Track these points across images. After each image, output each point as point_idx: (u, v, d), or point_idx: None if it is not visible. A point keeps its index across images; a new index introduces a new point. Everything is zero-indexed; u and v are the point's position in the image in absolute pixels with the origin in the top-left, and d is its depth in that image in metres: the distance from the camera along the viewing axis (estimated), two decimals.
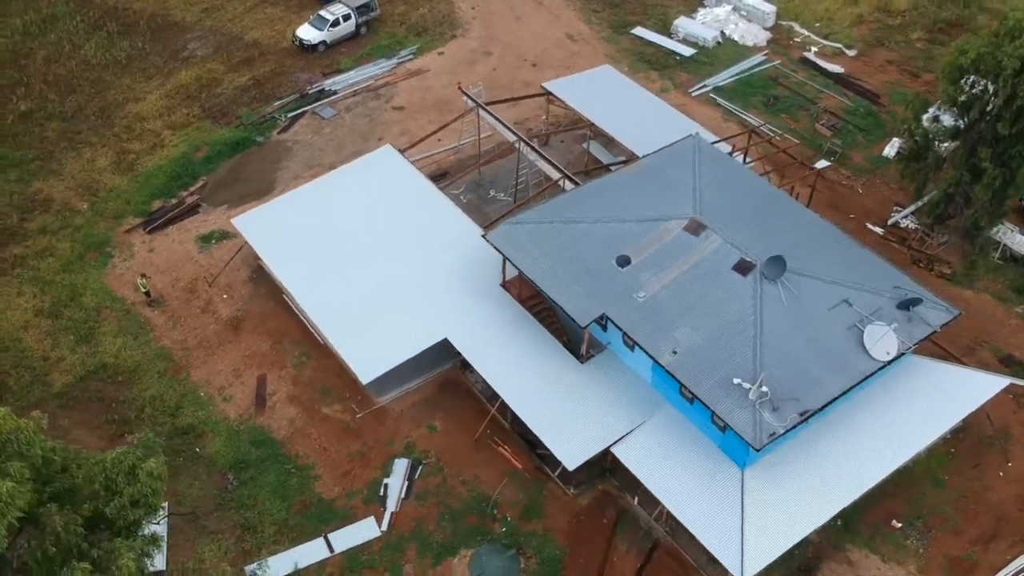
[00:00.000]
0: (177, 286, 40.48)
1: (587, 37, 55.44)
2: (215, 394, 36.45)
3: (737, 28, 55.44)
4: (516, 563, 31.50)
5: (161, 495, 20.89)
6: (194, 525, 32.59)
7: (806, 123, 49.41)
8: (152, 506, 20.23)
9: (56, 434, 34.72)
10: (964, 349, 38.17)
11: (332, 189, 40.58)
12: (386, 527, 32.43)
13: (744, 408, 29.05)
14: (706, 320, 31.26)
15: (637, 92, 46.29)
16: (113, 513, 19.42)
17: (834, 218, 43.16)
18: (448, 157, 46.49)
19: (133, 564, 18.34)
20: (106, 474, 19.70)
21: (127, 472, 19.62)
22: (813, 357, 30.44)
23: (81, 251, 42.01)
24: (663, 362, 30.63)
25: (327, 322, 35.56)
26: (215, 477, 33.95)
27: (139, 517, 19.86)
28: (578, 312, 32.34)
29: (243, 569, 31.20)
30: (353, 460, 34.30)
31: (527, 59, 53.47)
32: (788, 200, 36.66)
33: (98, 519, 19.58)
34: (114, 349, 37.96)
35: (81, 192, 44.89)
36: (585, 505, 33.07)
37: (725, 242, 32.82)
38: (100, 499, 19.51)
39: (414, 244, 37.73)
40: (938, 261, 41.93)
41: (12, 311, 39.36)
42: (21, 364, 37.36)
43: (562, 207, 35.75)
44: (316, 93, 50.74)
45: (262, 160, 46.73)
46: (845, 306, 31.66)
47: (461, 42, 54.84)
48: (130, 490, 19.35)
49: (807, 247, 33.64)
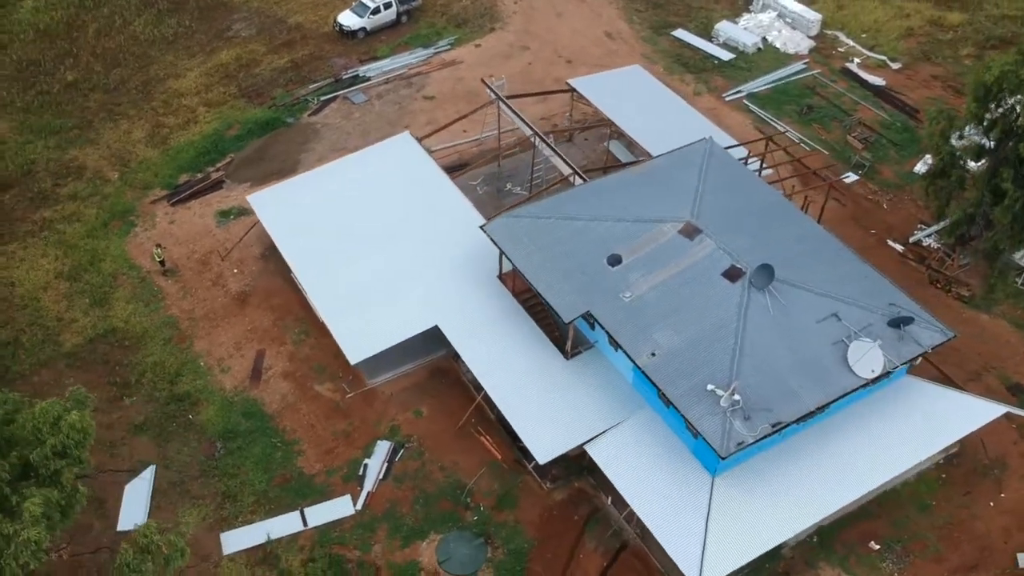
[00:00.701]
0: (192, 258, 41.60)
1: (626, 36, 55.20)
2: (214, 365, 37.40)
3: (780, 35, 54.61)
4: (483, 552, 31.69)
5: (86, 448, 21.60)
6: (179, 489, 33.52)
7: (838, 134, 48.48)
8: (76, 457, 20.94)
9: (59, 392, 36.04)
10: (971, 374, 37.19)
11: (347, 172, 41.24)
12: (360, 506, 32.92)
13: (715, 415, 28.78)
14: (689, 324, 31.01)
15: (663, 93, 46.00)
16: (37, 461, 20.19)
17: (854, 232, 42.58)
18: (471, 148, 46.81)
19: (38, 510, 19.02)
20: (34, 423, 20.47)
21: (52, 422, 20.34)
22: (793, 369, 29.97)
23: (106, 218, 43.44)
24: (640, 363, 30.49)
25: (324, 301, 36.20)
26: (204, 444, 34.84)
27: (61, 467, 20.57)
28: (563, 308, 32.37)
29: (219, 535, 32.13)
30: (337, 438, 34.89)
31: (563, 55, 53.48)
32: (793, 210, 36.10)
33: (29, 468, 20.38)
34: (125, 314, 39.20)
35: (113, 162, 46.38)
36: (559, 500, 33.12)
37: (718, 248, 32.50)
38: (28, 448, 20.29)
39: (419, 231, 38.15)
40: (957, 283, 40.82)
41: (35, 272, 40.90)
42: (36, 323, 38.83)
43: (562, 203, 35.79)
44: (350, 79, 51.52)
45: (289, 141, 47.67)
46: (834, 320, 31.10)
47: (499, 35, 55.10)
48: (52, 440, 20.07)
49: (804, 258, 33.12)
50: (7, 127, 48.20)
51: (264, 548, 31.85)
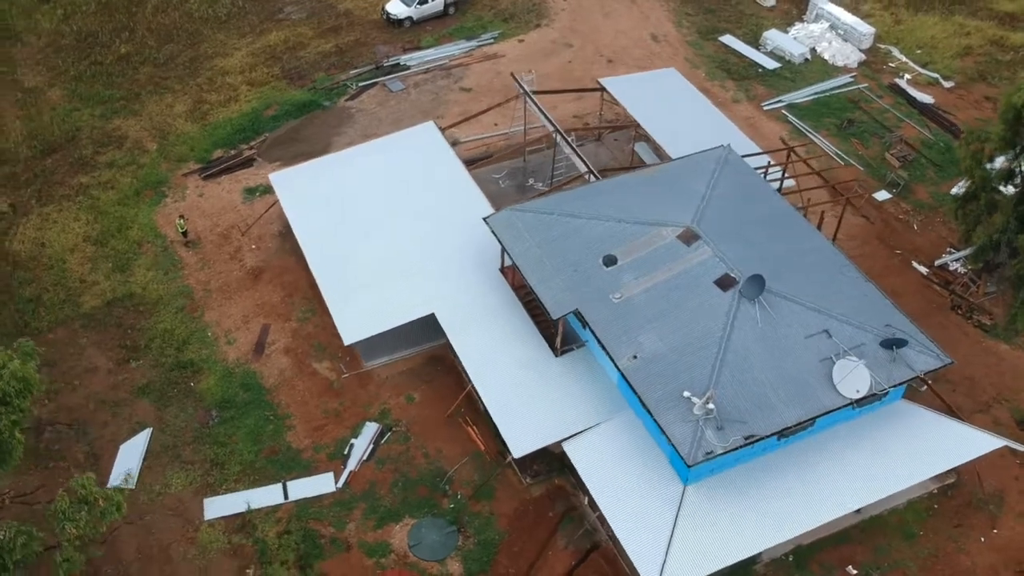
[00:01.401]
0: (215, 231, 42.69)
1: (672, 39, 54.71)
2: (221, 336, 38.35)
3: (830, 47, 53.45)
4: (454, 540, 31.90)
5: (27, 398, 22.43)
6: (171, 452, 34.50)
7: (876, 151, 47.31)
8: (16, 407, 21.74)
9: (73, 350, 37.66)
10: (981, 405, 36.05)
11: (368, 157, 41.84)
12: (341, 484, 33.43)
13: (687, 422, 28.48)
14: (675, 330, 30.71)
15: (695, 97, 45.50)
16: None
17: (878, 251, 41.64)
18: (499, 141, 46.98)
19: None
20: None
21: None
22: (775, 383, 29.46)
23: (139, 187, 44.86)
24: (620, 365, 30.33)
25: (327, 281, 36.78)
26: (200, 412, 35.77)
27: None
28: (552, 305, 32.37)
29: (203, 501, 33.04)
30: (328, 417, 35.47)
31: (604, 55, 53.28)
32: (802, 223, 35.37)
33: None
34: (144, 281, 40.45)
35: (153, 133, 47.84)
36: (536, 496, 33.12)
37: (714, 255, 32.10)
38: None
39: (429, 219, 38.48)
40: (979, 310, 39.52)
41: (65, 234, 42.48)
42: (59, 283, 40.32)
43: (567, 200, 35.76)
44: (391, 66, 52.18)
45: (323, 124, 48.53)
46: (824, 336, 30.45)
47: (544, 32, 55.15)
48: None
49: (803, 271, 32.50)
50: (59, 94, 50.11)
51: (243, 517, 32.58)
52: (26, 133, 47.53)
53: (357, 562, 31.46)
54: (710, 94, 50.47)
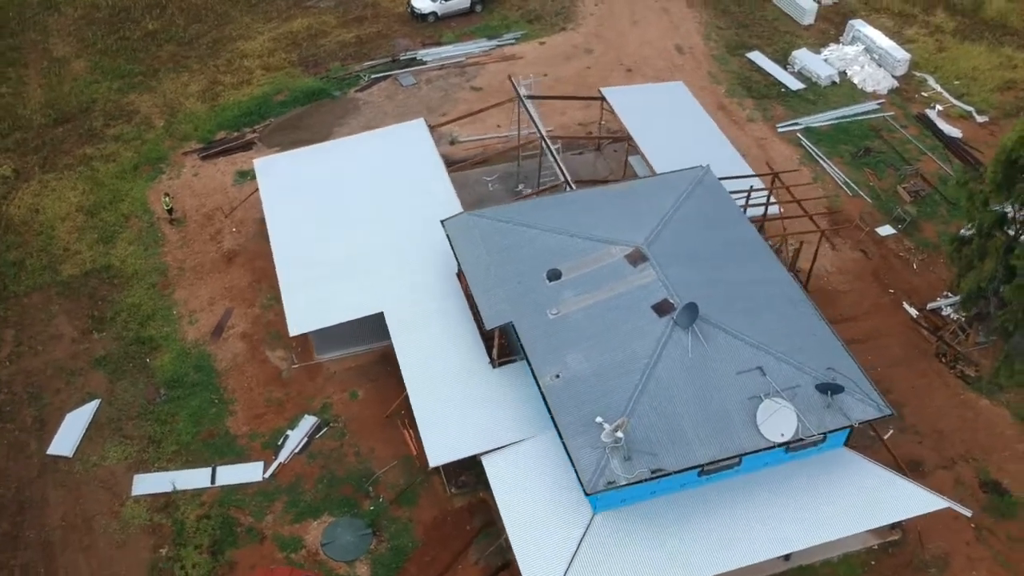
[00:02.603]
0: (200, 211, 43.24)
1: (697, 52, 53.24)
2: (185, 315, 38.79)
3: (862, 71, 51.27)
4: (367, 542, 31.58)
5: None
6: (114, 426, 35.01)
7: (889, 183, 45.17)
8: None
9: (43, 316, 38.58)
10: (945, 460, 34.13)
11: (352, 150, 41.84)
12: (268, 475, 33.43)
13: (595, 448, 27.54)
14: (603, 352, 29.76)
15: (696, 114, 44.08)
16: None
17: (870, 288, 39.90)
18: (496, 143, 46.40)
19: None
20: None
21: None
22: (695, 417, 28.26)
23: (139, 162, 45.72)
24: (541, 383, 29.54)
25: (286, 269, 36.77)
26: (149, 388, 36.22)
27: None
28: (489, 314, 31.76)
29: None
30: (270, 406, 35.52)
31: (624, 64, 52.17)
32: (765, 253, 33.82)
33: None
34: (124, 254, 41.19)
35: (163, 110, 48.73)
36: (458, 507, 32.54)
37: (658, 278, 30.97)
38: None
39: (398, 217, 38.18)
40: (965, 360, 37.35)
41: (60, 203, 43.56)
42: (45, 249, 41.36)
43: (528, 209, 35.06)
44: (407, 60, 52.08)
45: (328, 113, 48.71)
46: (757, 374, 29.08)
47: (568, 35, 54.31)
48: None
49: (750, 303, 31.13)
50: (83, 66, 51.47)
51: (168, 496, 32.85)
52: (44, 101, 48.96)
53: (268, 554, 31.40)
54: (726, 111, 49.03)
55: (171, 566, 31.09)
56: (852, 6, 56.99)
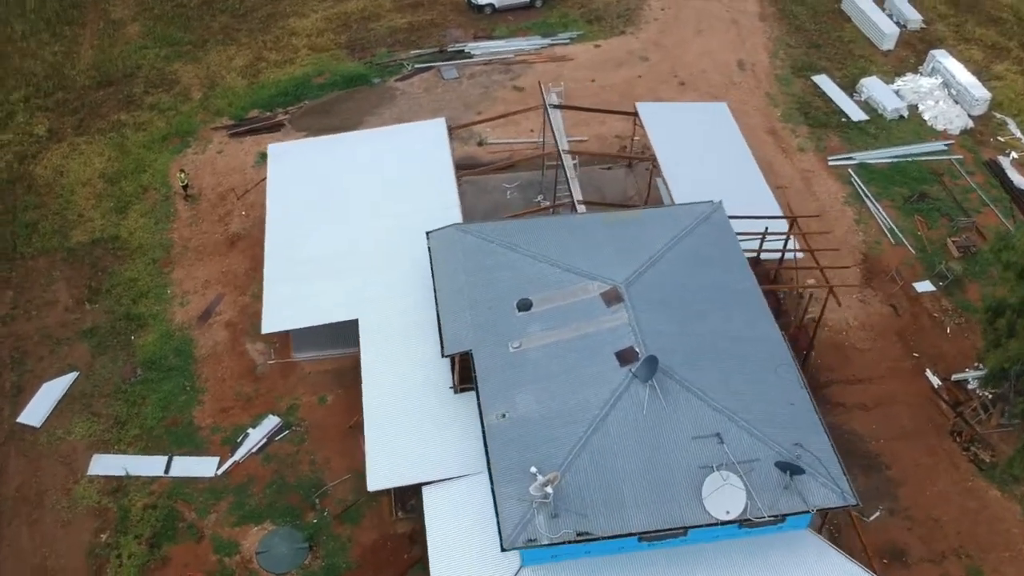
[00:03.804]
0: (216, 190, 43.00)
1: (759, 70, 50.17)
2: (178, 295, 38.60)
3: (935, 107, 47.39)
4: (301, 557, 30.78)
5: None
6: (85, 401, 35.06)
7: (940, 234, 41.61)
8: None
9: (44, 281, 39.00)
10: (934, 554, 31.27)
11: (367, 144, 40.82)
12: (221, 472, 32.93)
13: (522, 501, 25.91)
14: (556, 396, 28.00)
15: (734, 141, 41.30)
16: None
17: (891, 350, 37.05)
18: (525, 150, 44.67)
19: None
20: None
21: None
22: (637, 480, 26.30)
23: (168, 133, 45.78)
24: (486, 420, 28.03)
25: (272, 262, 36.06)
26: (127, 367, 36.17)
27: None
28: (449, 340, 30.37)
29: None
30: (238, 400, 35.01)
31: (679, 76, 49.55)
32: (757, 305, 31.21)
33: None
34: (133, 226, 41.29)
35: (203, 82, 48.67)
36: (400, 532, 31.40)
37: (628, 323, 28.94)
38: None
39: (394, 221, 36.86)
40: (981, 443, 34.10)
41: (85, 167, 43.96)
42: (60, 213, 41.79)
43: (517, 230, 33.36)
44: (454, 52, 50.68)
45: (363, 101, 47.80)
46: (714, 441, 26.86)
47: (625, 40, 51.92)
48: None
49: (726, 361, 28.81)
50: (137, 30, 51.85)
51: (121, 480, 32.71)
52: (92, 63, 49.52)
53: (203, 554, 30.93)
54: (776, 137, 46.10)
55: (108, 553, 30.94)
56: (940, 34, 52.80)
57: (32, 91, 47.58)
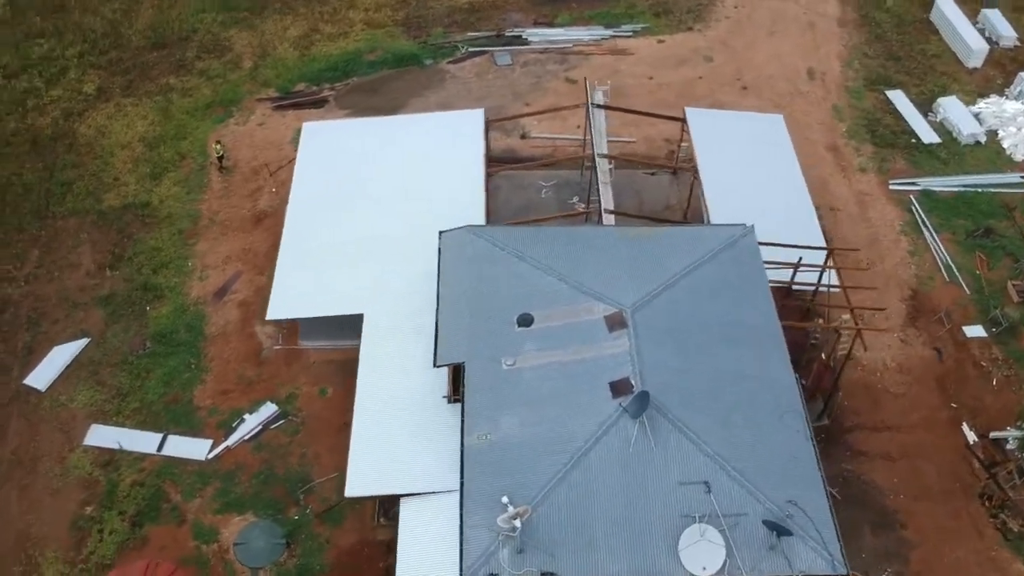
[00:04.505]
0: (250, 164, 42.54)
1: (830, 80, 47.31)
2: (198, 269, 38.32)
3: (1016, 134, 44.05)
4: (277, 553, 30.26)
5: None
6: (92, 368, 35.09)
7: (1000, 275, 38.66)
8: None
9: (71, 243, 39.22)
10: None
11: (401, 130, 39.75)
12: (211, 456, 32.59)
13: (490, 530, 24.75)
14: (540, 422, 26.69)
15: (785, 158, 38.82)
16: None
17: (927, 398, 34.76)
18: (569, 147, 43.01)
19: None
20: None
21: None
22: (613, 524, 24.88)
23: (213, 101, 45.46)
24: (467, 439, 26.89)
25: (288, 247, 35.40)
26: (137, 338, 36.07)
27: None
28: (444, 349, 29.25)
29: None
30: (240, 384, 34.58)
31: (742, 80, 47.10)
32: (774, 342, 29.20)
33: None
34: (165, 194, 41.13)
35: (255, 51, 48.17)
36: (379, 539, 30.60)
37: (629, 352, 27.35)
38: None
39: (414, 215, 35.58)
40: (1012, 511, 31.61)
41: (127, 129, 43.96)
42: (96, 174, 41.88)
43: (531, 238, 31.86)
44: (512, 37, 49.13)
45: (412, 82, 46.69)
46: (701, 489, 25.23)
47: (691, 37, 49.56)
48: None
49: (726, 401, 27.04)
50: None
51: (114, 453, 32.65)
52: (149, 23, 49.45)
53: (182, 539, 30.66)
54: (837, 154, 43.49)
55: (90, 526, 30.92)
56: None
57: (87, 47, 47.78)
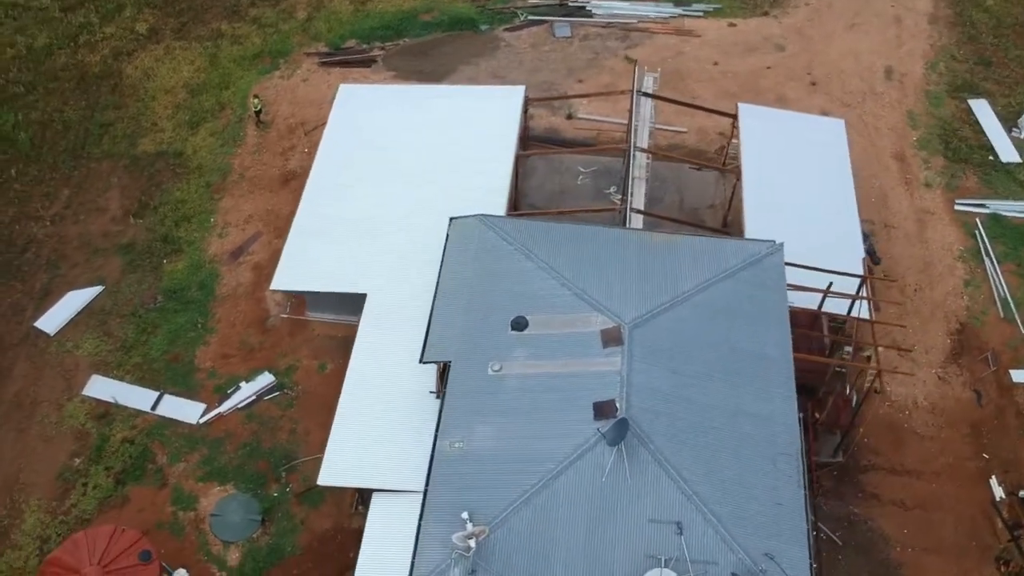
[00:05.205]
0: (288, 121, 41.75)
1: (909, 83, 43.97)
2: (219, 226, 37.89)
3: None
4: (251, 529, 29.93)
5: None
6: (101, 318, 35.07)
7: None
8: None
9: (101, 186, 39.16)
10: None
11: (437, 102, 38.25)
12: (202, 421, 32.32)
13: (444, 546, 23.75)
14: (516, 436, 25.44)
15: (839, 169, 36.03)
16: None
17: (956, 445, 32.62)
18: (615, 132, 41.01)
19: None
20: None
21: None
22: (574, 555, 23.59)
23: (261, 51, 44.67)
24: (438, 444, 25.83)
25: (304, 216, 34.53)
26: (150, 291, 35.90)
27: None
28: (433, 345, 28.13)
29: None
30: (241, 350, 34.17)
31: (813, 74, 44.16)
32: (782, 378, 27.14)
33: None
34: (199, 144, 40.68)
35: (310, 2, 47.09)
36: (353, 528, 29.87)
37: (619, 372, 25.78)
38: None
39: (438, 196, 34.18)
40: None
41: (173, 74, 43.53)
42: (136, 117, 41.65)
43: (542, 234, 30.27)
44: (575, 7, 47.00)
45: (464, 47, 45.12)
46: (672, 529, 23.71)
47: (765, 23, 46.64)
48: None
49: (716, 438, 25.30)
50: None
51: (109, 407, 32.65)
52: None
53: (161, 503, 30.56)
54: (903, 165, 40.54)
55: (76, 479, 31.03)
56: None
57: None
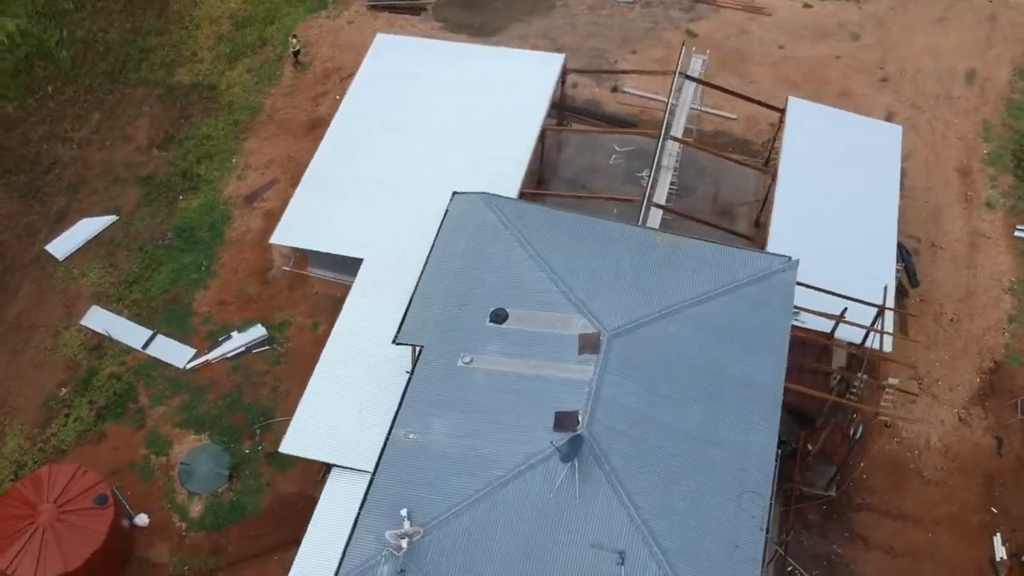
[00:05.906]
0: (325, 65, 40.83)
1: (991, 89, 40.50)
2: (239, 168, 37.45)
3: None
4: (217, 483, 29.85)
5: None
6: (110, 248, 35.20)
7: None
8: None
9: (133, 113, 39.07)
10: None
11: (471, 62, 36.63)
12: (189, 366, 32.19)
13: (378, 540, 23.08)
14: (471, 435, 24.41)
15: (887, 180, 33.48)
16: None
17: (964, 494, 30.55)
18: (658, 111, 38.63)
19: None
20: None
21: None
22: (509, 568, 22.64)
23: None
24: (393, 433, 25.00)
25: (315, 171, 33.64)
26: (161, 227, 35.75)
27: None
28: (408, 326, 27.12)
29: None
30: (239, 298, 33.86)
31: (885, 69, 41.04)
32: (767, 410, 25.35)
33: None
34: (234, 79, 40.22)
35: None
36: (315, 497, 29.13)
37: (590, 381, 24.42)
38: None
39: (455, 165, 32.89)
40: None
41: (220, 3, 43.00)
42: (176, 45, 41.36)
43: (544, 221, 28.81)
44: None
45: (518, 5, 43.36)
46: (614, 558, 22.50)
47: (844, 7, 43.45)
48: None
49: (680, 466, 23.83)
50: None
51: (102, 340, 32.77)
52: None
53: (135, 444, 30.72)
54: (966, 180, 37.60)
55: (59, 409, 31.35)
56: None
57: None
